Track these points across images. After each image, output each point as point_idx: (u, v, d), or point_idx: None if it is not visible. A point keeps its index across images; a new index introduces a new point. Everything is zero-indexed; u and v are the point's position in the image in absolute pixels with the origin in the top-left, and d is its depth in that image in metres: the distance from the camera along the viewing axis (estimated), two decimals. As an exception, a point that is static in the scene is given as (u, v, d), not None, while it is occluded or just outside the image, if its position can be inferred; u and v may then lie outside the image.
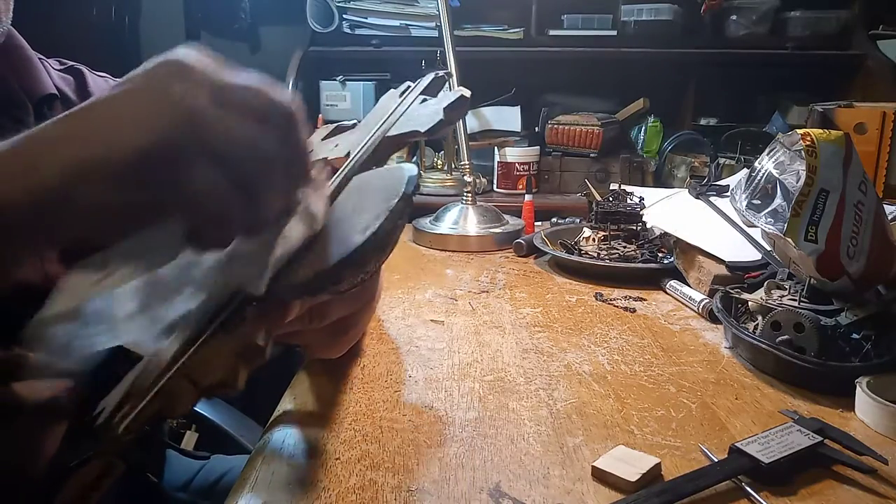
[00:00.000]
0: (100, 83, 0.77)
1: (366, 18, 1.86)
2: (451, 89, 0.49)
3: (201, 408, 1.12)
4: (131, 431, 0.35)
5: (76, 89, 0.74)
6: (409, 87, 0.54)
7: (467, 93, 0.47)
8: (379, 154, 0.48)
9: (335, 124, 0.58)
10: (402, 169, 0.43)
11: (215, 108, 0.35)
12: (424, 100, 0.51)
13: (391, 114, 0.50)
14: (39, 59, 0.72)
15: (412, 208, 0.42)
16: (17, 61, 0.69)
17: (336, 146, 0.53)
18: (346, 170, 0.47)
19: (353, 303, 0.56)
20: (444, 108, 0.46)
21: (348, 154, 0.49)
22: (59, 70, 0.75)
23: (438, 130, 0.46)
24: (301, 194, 0.40)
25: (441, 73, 0.53)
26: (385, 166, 0.48)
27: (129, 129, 0.34)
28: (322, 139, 0.56)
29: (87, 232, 0.36)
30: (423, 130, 0.47)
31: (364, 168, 0.47)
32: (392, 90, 0.55)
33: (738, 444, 0.51)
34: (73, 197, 0.34)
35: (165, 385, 0.36)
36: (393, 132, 0.49)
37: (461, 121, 1.27)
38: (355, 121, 0.56)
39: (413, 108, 0.50)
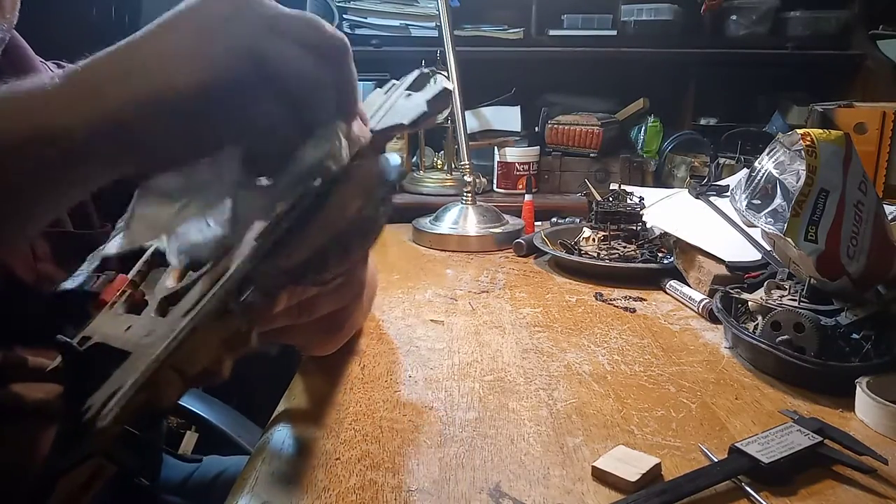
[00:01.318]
0: None
1: (366, 18, 1.86)
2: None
3: (200, 409, 1.12)
4: (119, 424, 0.35)
5: None
6: (394, 84, 0.55)
7: (450, 85, 0.48)
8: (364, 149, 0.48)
9: None
10: (385, 158, 0.44)
11: (275, 40, 0.36)
12: (409, 94, 0.52)
13: (377, 110, 0.51)
14: (40, 62, 0.73)
15: (394, 195, 0.43)
16: (20, 62, 0.70)
17: None
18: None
19: (341, 297, 0.56)
20: (428, 101, 0.47)
21: None
22: None
23: (422, 122, 0.47)
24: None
25: (426, 69, 0.54)
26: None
27: (193, 63, 0.35)
28: None
29: (150, 159, 0.37)
30: (406, 123, 0.48)
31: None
32: (378, 89, 0.56)
33: (738, 444, 0.51)
34: (138, 128, 0.35)
35: (151, 376, 0.36)
36: (377, 127, 0.49)
37: (461, 121, 1.27)
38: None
39: (397, 103, 0.51)
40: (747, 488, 0.48)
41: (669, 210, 1.08)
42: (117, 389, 0.36)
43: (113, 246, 0.39)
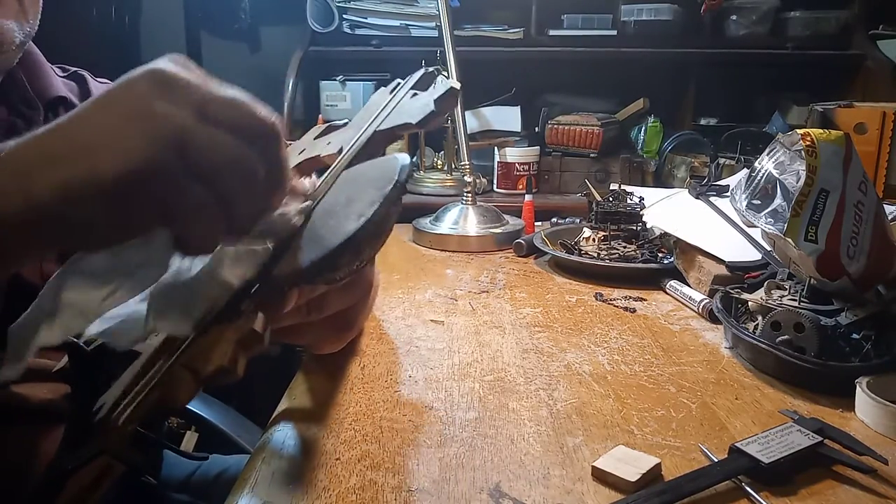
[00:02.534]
0: (101, 89, 0.78)
1: (366, 18, 1.86)
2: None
3: (200, 408, 1.12)
4: (132, 423, 0.35)
5: (79, 95, 0.77)
6: (399, 83, 0.54)
7: (457, 85, 0.48)
8: (371, 148, 0.48)
9: (327, 124, 0.58)
10: (395, 158, 0.44)
11: (201, 126, 0.36)
12: (415, 94, 0.51)
13: (382, 109, 0.51)
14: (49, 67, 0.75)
15: (404, 195, 0.43)
16: (31, 65, 0.72)
17: (328, 144, 0.53)
18: (338, 164, 0.47)
19: (350, 295, 0.56)
20: (435, 100, 0.47)
21: (341, 150, 0.49)
22: (63, 77, 0.77)
23: (430, 122, 0.47)
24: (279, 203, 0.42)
25: (431, 68, 0.54)
26: (378, 157, 0.48)
27: (115, 150, 0.35)
28: (314, 138, 0.57)
29: (78, 242, 0.38)
30: (414, 122, 0.47)
31: (356, 162, 0.47)
32: (383, 88, 0.56)
33: (738, 444, 0.51)
34: (64, 215, 0.35)
35: (165, 375, 0.36)
36: (384, 126, 0.49)
37: (461, 121, 1.27)
38: (346, 120, 0.56)
39: (404, 102, 0.51)
40: (747, 488, 0.48)
41: (669, 210, 1.08)
42: (129, 388, 0.36)
43: (47, 338, 0.38)
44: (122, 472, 0.38)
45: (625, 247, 1.05)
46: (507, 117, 1.78)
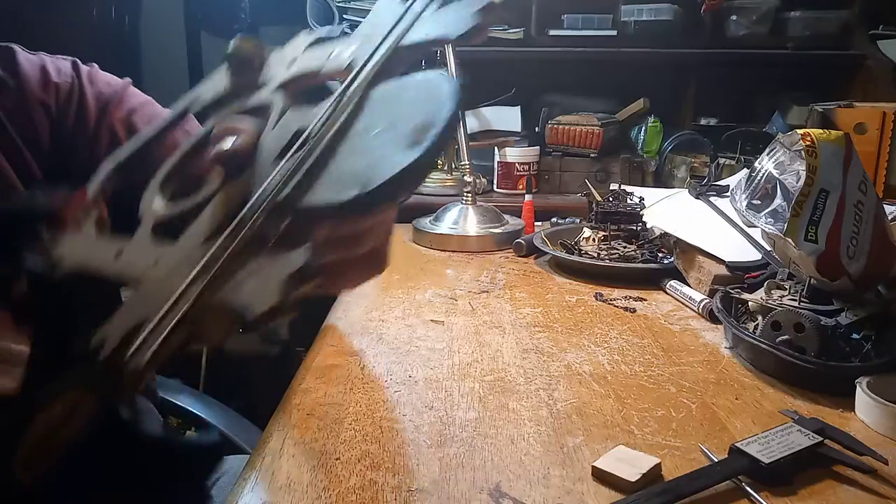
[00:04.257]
0: (34, 61, 0.72)
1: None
2: None
3: (199, 409, 1.12)
4: (154, 365, 0.30)
5: (4, 68, 0.69)
6: None
7: None
8: (391, 66, 0.41)
9: (316, 36, 0.50)
10: (438, 77, 0.37)
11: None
12: (443, 5, 0.43)
13: (399, 21, 0.44)
14: (39, 64, 0.71)
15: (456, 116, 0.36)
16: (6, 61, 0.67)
17: (331, 55, 0.45)
18: (358, 83, 0.40)
19: (384, 230, 0.52)
20: (478, 11, 0.39)
21: (349, 66, 0.43)
22: None
23: (471, 37, 0.40)
24: None
25: None
26: (412, 75, 0.40)
27: None
28: (304, 49, 0.49)
29: None
30: (453, 36, 0.40)
31: (375, 82, 0.40)
32: None
33: (738, 444, 0.51)
34: None
35: (194, 307, 0.31)
36: (410, 40, 0.42)
37: (461, 121, 1.27)
38: (341, 27, 0.50)
39: (429, 14, 0.43)
40: (747, 488, 0.48)
41: (669, 210, 1.08)
42: (141, 324, 0.31)
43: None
44: (95, 405, 0.34)
45: (625, 247, 1.05)
46: (507, 117, 1.78)
